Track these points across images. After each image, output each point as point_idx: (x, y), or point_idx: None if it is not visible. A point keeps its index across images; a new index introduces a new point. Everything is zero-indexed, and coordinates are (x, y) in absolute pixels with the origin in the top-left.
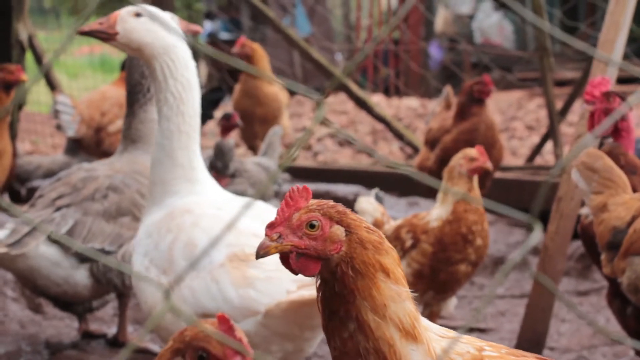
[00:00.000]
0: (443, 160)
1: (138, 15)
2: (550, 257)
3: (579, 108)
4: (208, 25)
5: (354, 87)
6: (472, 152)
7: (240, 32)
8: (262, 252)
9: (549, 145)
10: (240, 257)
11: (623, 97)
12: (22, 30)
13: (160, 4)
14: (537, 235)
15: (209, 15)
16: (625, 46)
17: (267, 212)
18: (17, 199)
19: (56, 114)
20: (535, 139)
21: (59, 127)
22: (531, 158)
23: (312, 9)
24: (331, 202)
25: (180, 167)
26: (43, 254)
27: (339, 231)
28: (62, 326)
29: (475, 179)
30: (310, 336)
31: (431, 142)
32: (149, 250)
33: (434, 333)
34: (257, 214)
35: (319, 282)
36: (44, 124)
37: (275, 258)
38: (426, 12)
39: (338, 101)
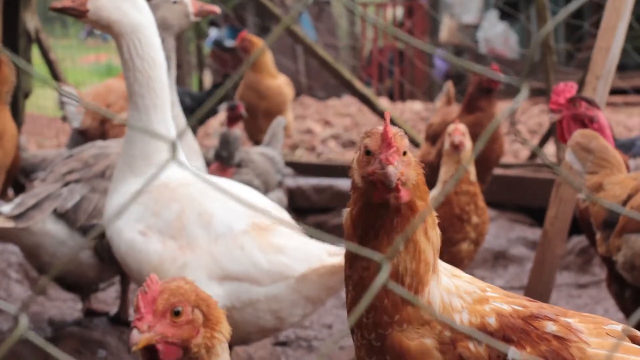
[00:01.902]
0: None
1: None
2: (549, 241)
3: None
4: (213, 33)
5: (358, 85)
6: (450, 127)
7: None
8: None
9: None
10: (261, 226)
11: (590, 101)
12: (30, 20)
13: None
14: (523, 95)
15: (215, 23)
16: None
17: (257, 193)
18: (21, 192)
19: (62, 105)
20: (537, 142)
21: (64, 119)
22: (533, 156)
23: (317, 18)
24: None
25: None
26: (49, 231)
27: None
28: (65, 307)
29: (466, 154)
30: (326, 301)
31: (432, 137)
32: (145, 217)
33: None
34: (253, 193)
35: (357, 206)
36: (50, 127)
37: (295, 231)
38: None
39: (342, 104)
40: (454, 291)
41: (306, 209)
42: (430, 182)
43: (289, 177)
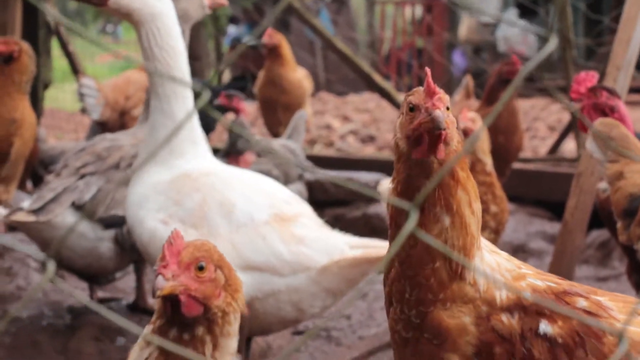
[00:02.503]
0: None
1: None
2: (569, 232)
3: None
4: (232, 30)
5: (377, 78)
6: (460, 115)
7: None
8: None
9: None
10: (283, 217)
11: (611, 91)
12: (49, 11)
13: None
14: (553, 43)
15: (234, 20)
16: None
17: (278, 184)
18: (39, 183)
19: (81, 97)
20: (557, 138)
21: (83, 110)
22: (552, 150)
23: (336, 14)
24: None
25: (184, 129)
26: (69, 224)
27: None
28: (85, 296)
29: (480, 145)
30: (346, 293)
31: None
32: (166, 206)
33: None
34: (274, 184)
35: (400, 178)
36: (68, 121)
37: (317, 223)
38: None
39: (361, 100)
40: (495, 268)
41: (324, 202)
42: None
43: (308, 172)
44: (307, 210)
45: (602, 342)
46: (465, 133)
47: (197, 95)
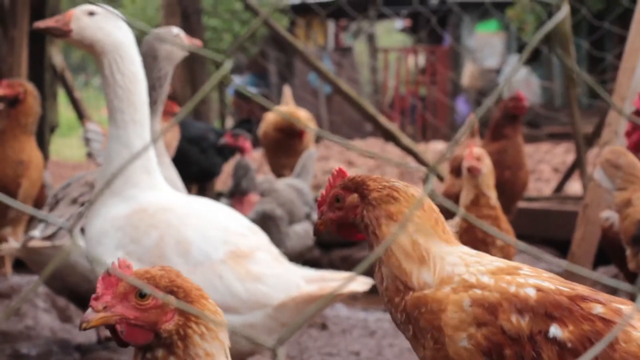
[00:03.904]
0: None
1: (92, 14)
2: (576, 262)
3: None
4: (237, 80)
5: (382, 120)
6: (465, 152)
7: (268, 88)
8: (315, 231)
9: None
10: (238, 254)
11: None
12: (55, 54)
13: (194, 62)
14: (564, 11)
15: (237, 70)
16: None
17: (235, 213)
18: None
19: (87, 141)
20: (561, 179)
21: (89, 155)
22: (558, 189)
23: (339, 64)
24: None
25: (139, 158)
26: (82, 249)
27: (354, 199)
28: (93, 335)
29: (485, 179)
30: (304, 327)
31: (456, 170)
32: (124, 244)
33: (463, 258)
34: (230, 214)
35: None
36: (74, 171)
37: (273, 256)
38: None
39: (365, 145)
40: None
41: (331, 243)
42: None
43: (315, 212)
44: (263, 241)
45: (614, 348)
46: (471, 170)
47: (217, 66)
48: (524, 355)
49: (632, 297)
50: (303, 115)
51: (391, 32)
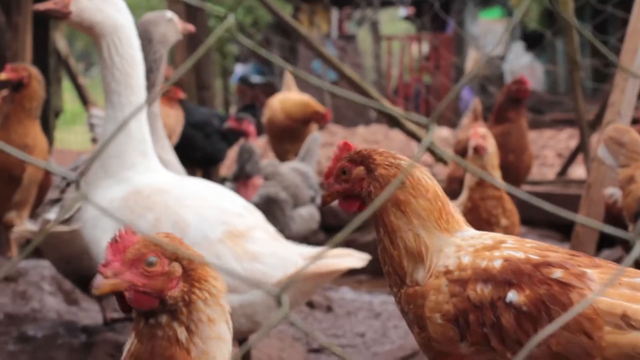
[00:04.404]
0: None
1: None
2: (580, 243)
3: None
4: (239, 69)
5: (386, 104)
6: (470, 132)
7: (272, 75)
8: (322, 203)
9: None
10: (235, 233)
11: None
12: (59, 39)
13: (198, 48)
14: (637, 250)
15: (241, 58)
16: None
17: (230, 193)
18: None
19: (91, 127)
20: (564, 162)
21: (94, 141)
22: (562, 172)
23: (343, 51)
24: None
25: (134, 140)
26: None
27: (360, 171)
28: (99, 317)
29: (490, 159)
30: (302, 304)
31: (460, 154)
32: (120, 226)
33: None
34: (225, 194)
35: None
36: (80, 156)
37: (270, 235)
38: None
39: (369, 132)
40: (461, 245)
41: (336, 227)
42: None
43: (319, 195)
44: (259, 220)
45: (567, 310)
46: (477, 150)
47: (221, 20)
48: (485, 320)
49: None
50: (310, 100)
51: (395, 20)
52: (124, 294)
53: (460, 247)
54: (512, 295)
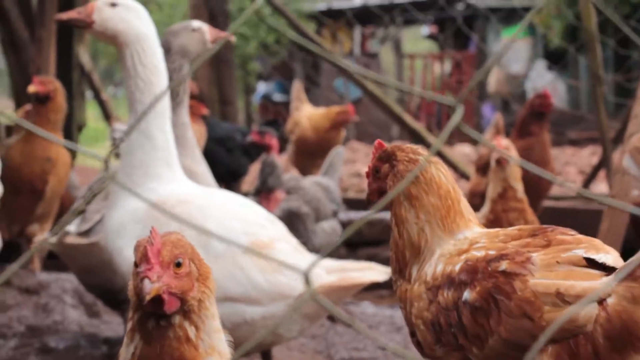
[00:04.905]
0: None
1: (113, 5)
2: None
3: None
4: (262, 87)
5: (408, 119)
6: (494, 142)
7: None
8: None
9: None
10: (259, 245)
11: None
12: (83, 53)
13: (221, 64)
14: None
15: (263, 76)
16: None
17: (253, 204)
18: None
19: (114, 141)
20: (586, 178)
21: (117, 156)
22: (584, 187)
23: (366, 68)
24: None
25: (160, 150)
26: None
27: (386, 168)
28: (120, 329)
29: (512, 171)
30: (324, 316)
31: (482, 169)
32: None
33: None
34: (248, 206)
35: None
36: None
37: (292, 247)
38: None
39: None
40: (441, 254)
41: (358, 242)
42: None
43: (341, 212)
44: (282, 231)
45: (511, 297)
46: (499, 162)
47: (244, 38)
48: (451, 321)
49: None
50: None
51: (417, 38)
52: (162, 297)
53: (442, 254)
54: (467, 294)
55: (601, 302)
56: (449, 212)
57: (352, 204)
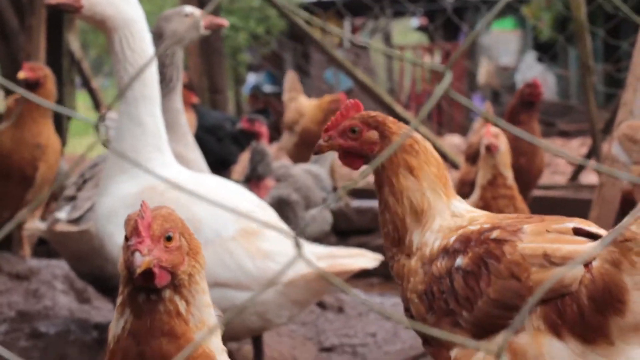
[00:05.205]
0: None
1: None
2: None
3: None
4: (252, 78)
5: (398, 109)
6: (482, 131)
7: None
8: (316, 150)
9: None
10: (248, 231)
11: None
12: (73, 41)
13: (211, 53)
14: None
15: (253, 67)
16: None
17: (243, 190)
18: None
19: (101, 129)
20: (574, 169)
21: (105, 145)
22: (573, 178)
23: (354, 64)
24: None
25: (150, 135)
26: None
27: (373, 135)
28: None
29: (502, 158)
30: (313, 303)
31: (472, 157)
32: None
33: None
34: (238, 192)
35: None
36: None
37: (282, 231)
38: (469, 65)
39: None
40: (437, 229)
41: (348, 231)
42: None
43: (341, 202)
44: (272, 217)
45: (500, 260)
46: (489, 149)
47: (234, 30)
48: (443, 288)
49: None
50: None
51: (407, 30)
52: (153, 270)
53: (442, 227)
54: (459, 260)
55: (587, 265)
56: (447, 182)
57: (354, 193)
